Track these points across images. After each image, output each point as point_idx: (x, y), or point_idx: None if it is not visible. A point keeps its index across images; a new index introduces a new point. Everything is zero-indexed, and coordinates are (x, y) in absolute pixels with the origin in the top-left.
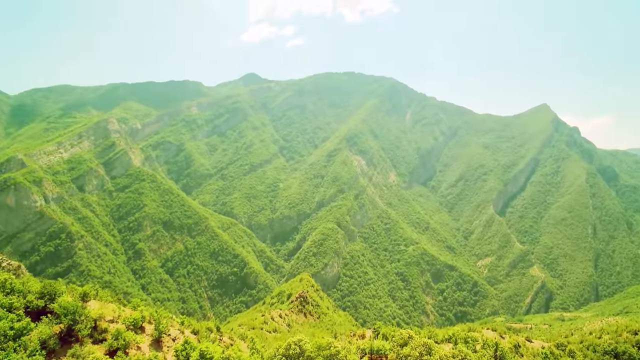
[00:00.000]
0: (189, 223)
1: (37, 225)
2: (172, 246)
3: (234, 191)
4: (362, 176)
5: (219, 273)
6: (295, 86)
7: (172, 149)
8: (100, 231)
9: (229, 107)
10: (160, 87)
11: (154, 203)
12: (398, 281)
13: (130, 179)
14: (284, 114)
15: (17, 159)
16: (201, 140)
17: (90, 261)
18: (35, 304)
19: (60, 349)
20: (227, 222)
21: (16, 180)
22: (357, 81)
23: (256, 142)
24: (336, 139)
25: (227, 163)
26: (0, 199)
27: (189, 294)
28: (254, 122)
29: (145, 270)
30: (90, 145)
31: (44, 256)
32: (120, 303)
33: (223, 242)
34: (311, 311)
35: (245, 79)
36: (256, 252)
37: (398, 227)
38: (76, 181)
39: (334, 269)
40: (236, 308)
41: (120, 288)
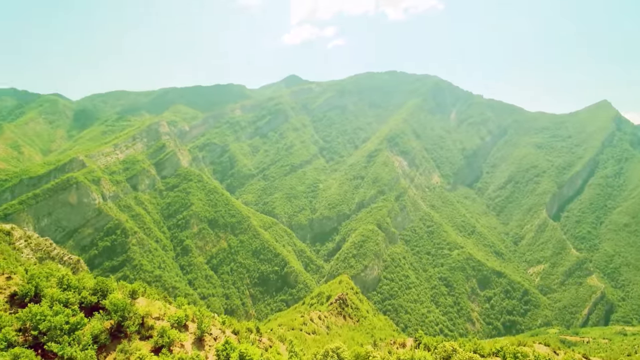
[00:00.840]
0: (233, 222)
1: (95, 222)
2: (216, 244)
3: (275, 191)
4: (403, 177)
5: (260, 271)
6: (335, 87)
7: (217, 150)
8: (152, 228)
9: (270, 109)
10: (207, 90)
11: (200, 202)
12: (441, 286)
13: (178, 179)
14: (325, 115)
15: (78, 159)
16: (244, 141)
17: (142, 256)
18: (88, 300)
19: (111, 344)
20: (269, 221)
21: (77, 179)
22: (398, 80)
23: (297, 143)
24: (377, 140)
25: (268, 164)
26: (63, 197)
27: (232, 291)
28: (295, 124)
29: (192, 266)
30: (143, 147)
31: (101, 250)
32: (166, 301)
33: (264, 241)
34: (350, 314)
35: (287, 80)
36: (296, 252)
37: (441, 230)
38: (130, 180)
39: (374, 271)
40: (277, 306)
41: (169, 282)
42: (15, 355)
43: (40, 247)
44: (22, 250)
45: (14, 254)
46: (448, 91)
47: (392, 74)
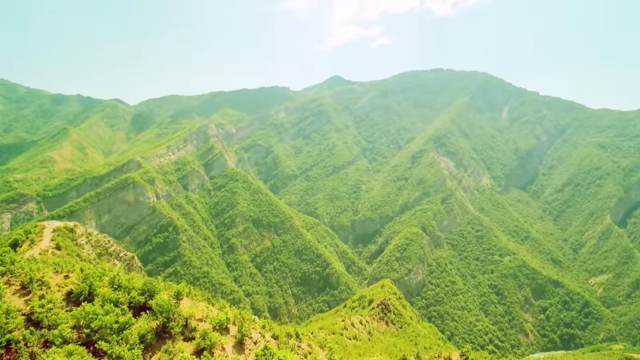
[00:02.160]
0: (276, 221)
1: (150, 219)
2: (260, 242)
3: (318, 192)
4: (450, 179)
5: (302, 271)
6: (379, 86)
7: (261, 151)
8: (201, 226)
9: (313, 110)
10: (252, 93)
11: (245, 202)
12: (491, 294)
13: (225, 179)
14: (367, 115)
15: (135, 160)
16: (288, 142)
17: (192, 253)
18: (137, 300)
19: (156, 344)
20: (311, 221)
21: (134, 179)
22: (445, 78)
23: (339, 144)
24: (422, 140)
25: (311, 164)
26: (122, 195)
27: (275, 289)
28: (337, 124)
29: (237, 263)
30: (193, 149)
31: (155, 246)
32: (209, 302)
33: (307, 242)
34: (393, 320)
35: (330, 81)
36: (338, 253)
37: (492, 235)
38: (181, 180)
39: (419, 275)
40: (319, 307)
41: (216, 279)
42: (69, 352)
43: (100, 243)
44: (83, 246)
45: (76, 250)
46: (499, 88)
47: (438, 72)
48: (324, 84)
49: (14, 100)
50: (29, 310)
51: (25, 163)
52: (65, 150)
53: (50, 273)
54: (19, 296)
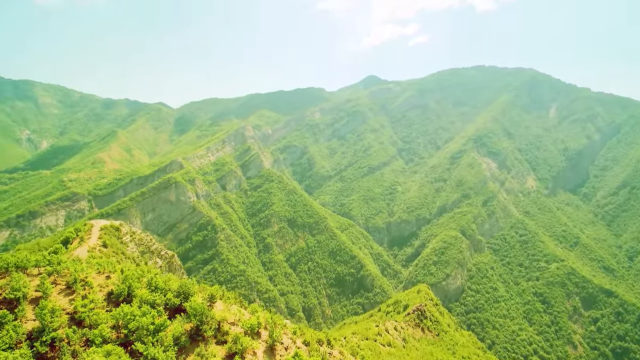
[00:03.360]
0: (310, 222)
1: (190, 218)
2: (295, 243)
3: (352, 193)
4: (492, 180)
5: (336, 272)
6: (416, 85)
7: (297, 152)
8: (238, 225)
9: (348, 111)
10: (288, 95)
11: (281, 202)
12: (536, 302)
13: (261, 180)
14: (404, 115)
15: (177, 161)
16: (323, 143)
17: (229, 251)
18: (172, 302)
19: (190, 347)
20: (345, 223)
21: (176, 179)
22: (487, 75)
23: (374, 144)
24: (461, 140)
25: (345, 165)
26: (164, 195)
27: (309, 290)
28: (373, 125)
29: (272, 263)
30: (231, 150)
31: (194, 244)
32: (241, 305)
33: (341, 243)
34: (429, 327)
35: (365, 81)
36: (373, 255)
37: (537, 240)
38: (220, 181)
39: (457, 280)
40: (353, 309)
41: (252, 277)
42: (108, 352)
43: (143, 242)
44: (127, 244)
45: (121, 248)
46: (546, 85)
47: (479, 69)
48: (360, 84)
49: (68, 105)
50: (72, 309)
51: (78, 164)
52: (114, 152)
53: (93, 273)
54: (64, 295)
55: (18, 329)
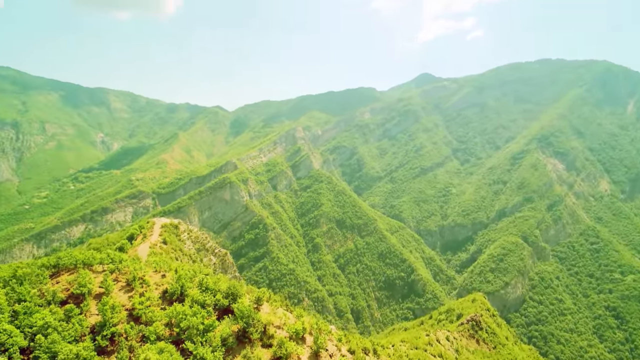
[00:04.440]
0: (359, 223)
1: (243, 216)
2: (344, 244)
3: (403, 194)
4: (558, 183)
5: (386, 275)
6: (473, 82)
7: (346, 153)
8: (288, 225)
9: (400, 110)
10: (338, 95)
11: (330, 203)
12: (608, 317)
13: (311, 180)
14: (459, 114)
15: (232, 162)
16: (373, 144)
17: (279, 250)
18: (221, 302)
19: (236, 348)
20: (395, 225)
21: (231, 179)
22: (553, 69)
23: (427, 144)
24: (524, 139)
25: (396, 166)
26: (220, 194)
27: (358, 292)
28: (426, 124)
29: (321, 263)
30: (282, 151)
31: (247, 242)
32: (287, 309)
33: (391, 245)
34: (485, 339)
35: (418, 79)
36: (425, 259)
37: (611, 249)
38: (271, 181)
39: (517, 290)
40: (402, 314)
41: (301, 277)
42: (161, 349)
43: (198, 240)
44: (185, 241)
45: (179, 245)
46: (623, 78)
47: (544, 63)
48: (412, 82)
49: (136, 110)
50: (131, 306)
51: (144, 164)
52: (175, 153)
53: (150, 272)
54: (124, 292)
55: (83, 322)
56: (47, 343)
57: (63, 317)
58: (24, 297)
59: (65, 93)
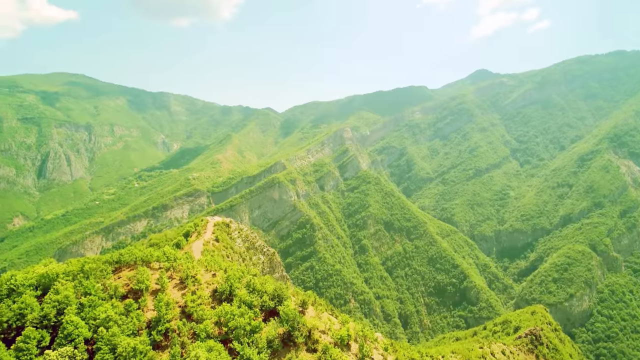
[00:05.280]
0: (408, 226)
1: (291, 216)
2: (391, 246)
3: (455, 197)
4: (634, 187)
5: (436, 281)
6: (535, 78)
7: (395, 153)
8: (334, 225)
9: (452, 109)
10: (387, 95)
11: (377, 204)
12: None
13: (358, 181)
14: (519, 112)
15: (280, 163)
16: (423, 144)
17: (326, 250)
18: (268, 304)
19: (281, 351)
20: (447, 228)
21: (279, 179)
22: (629, 62)
23: (483, 144)
24: (593, 139)
25: (448, 167)
26: (269, 194)
27: (406, 296)
28: (481, 123)
29: (368, 265)
30: (330, 151)
31: (294, 241)
32: (332, 314)
33: (442, 250)
34: (546, 354)
35: (474, 76)
36: (479, 266)
37: None
38: (318, 181)
39: (584, 303)
40: (454, 321)
41: (348, 278)
42: (210, 348)
43: (248, 238)
44: (235, 240)
45: (230, 243)
46: None
47: (619, 55)
48: (467, 79)
49: (194, 112)
50: (183, 303)
51: (200, 164)
52: (228, 153)
53: (202, 271)
54: (178, 290)
55: (140, 317)
56: (108, 335)
57: (123, 311)
58: (89, 291)
59: (132, 98)
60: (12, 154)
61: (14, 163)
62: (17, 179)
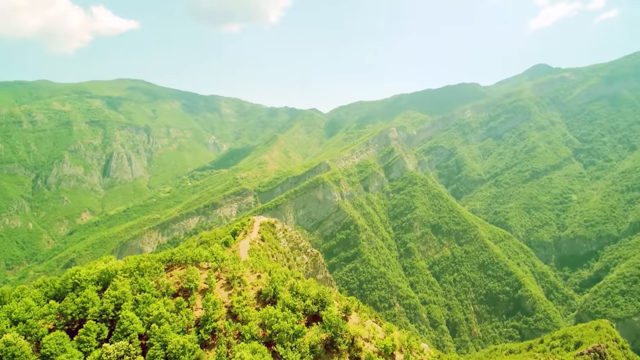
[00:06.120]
0: (457, 229)
1: (335, 216)
2: (439, 250)
3: (510, 200)
4: None
5: (487, 288)
6: (602, 72)
7: (443, 154)
8: (379, 227)
9: (507, 107)
10: (436, 93)
11: (424, 206)
12: None
13: (404, 182)
14: (583, 109)
15: (325, 163)
16: (474, 144)
17: (370, 252)
18: (311, 308)
19: (324, 357)
20: (500, 233)
21: (324, 180)
22: None
23: (541, 144)
24: None
25: (502, 168)
26: (313, 194)
27: (454, 302)
28: (540, 121)
29: (413, 268)
30: (374, 152)
31: (338, 241)
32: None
33: (494, 256)
34: None
35: (531, 71)
36: (535, 274)
37: None
38: (363, 182)
39: None
40: (507, 332)
41: (392, 281)
42: (254, 350)
43: (292, 239)
44: (280, 240)
45: (275, 243)
46: None
47: None
48: (524, 74)
49: (242, 114)
50: (229, 303)
51: (248, 164)
52: (274, 154)
53: (247, 272)
54: (224, 290)
55: (189, 315)
56: (160, 332)
57: (174, 309)
58: (144, 288)
59: (186, 101)
60: (81, 154)
61: (83, 163)
62: (85, 177)
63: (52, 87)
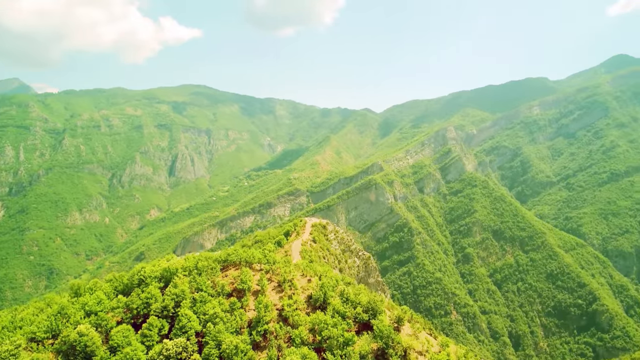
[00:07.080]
0: (522, 236)
1: (388, 218)
2: (501, 257)
3: (584, 205)
4: None
5: (556, 300)
6: None
7: (507, 154)
8: (435, 230)
9: (580, 103)
10: (499, 89)
11: (485, 210)
12: None
13: (462, 184)
14: None
15: (377, 164)
16: (542, 143)
17: (425, 256)
18: (361, 316)
19: None
20: (572, 241)
21: (376, 181)
22: None
23: (621, 143)
24: None
25: (575, 170)
26: (365, 195)
27: (518, 314)
28: (620, 118)
29: (472, 275)
30: (430, 152)
31: (391, 244)
32: (431, 334)
33: (564, 265)
34: None
35: (609, 64)
36: (613, 287)
37: None
38: (417, 184)
39: None
40: (578, 349)
41: (449, 288)
42: (304, 355)
43: (344, 241)
44: (331, 241)
45: (326, 245)
46: None
47: None
48: (600, 67)
49: (296, 116)
50: (280, 306)
51: (301, 164)
52: (327, 154)
53: (298, 275)
54: (275, 292)
55: (242, 316)
56: (215, 332)
57: (228, 309)
58: (201, 287)
59: (243, 104)
60: (150, 155)
61: (152, 163)
62: (154, 176)
63: (126, 93)
